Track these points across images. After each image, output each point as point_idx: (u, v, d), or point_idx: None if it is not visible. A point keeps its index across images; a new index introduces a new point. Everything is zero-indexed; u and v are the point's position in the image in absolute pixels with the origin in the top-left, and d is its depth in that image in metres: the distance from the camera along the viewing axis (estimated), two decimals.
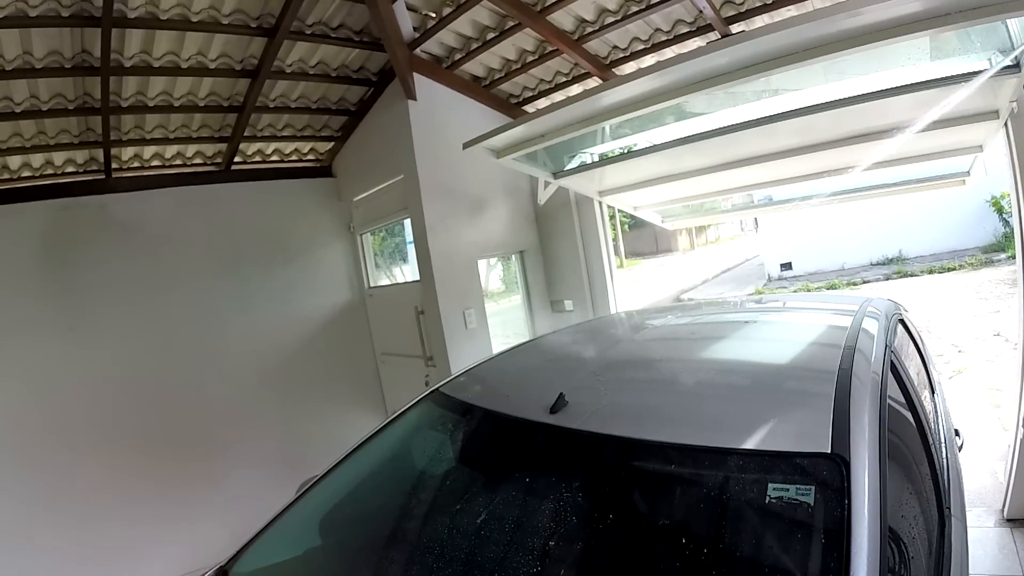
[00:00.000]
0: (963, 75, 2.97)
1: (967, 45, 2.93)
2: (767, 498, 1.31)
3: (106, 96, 3.98)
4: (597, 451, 1.65)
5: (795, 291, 15.34)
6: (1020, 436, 3.71)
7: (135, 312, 4.74)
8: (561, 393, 1.78)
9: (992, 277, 12.06)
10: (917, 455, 1.83)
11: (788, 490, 1.29)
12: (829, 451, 1.31)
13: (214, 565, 1.99)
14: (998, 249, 13.63)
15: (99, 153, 4.60)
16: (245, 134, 4.96)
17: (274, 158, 5.61)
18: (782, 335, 2.39)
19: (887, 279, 14.55)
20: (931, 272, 13.92)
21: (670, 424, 1.61)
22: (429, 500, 2.02)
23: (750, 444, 1.43)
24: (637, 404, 1.80)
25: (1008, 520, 3.91)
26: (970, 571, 1.90)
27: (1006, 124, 3.35)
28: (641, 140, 4.33)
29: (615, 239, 27.16)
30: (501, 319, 5.55)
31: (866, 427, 1.38)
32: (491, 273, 5.83)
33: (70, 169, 4.65)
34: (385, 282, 6.05)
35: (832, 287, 14.84)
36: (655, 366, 2.12)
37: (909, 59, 3.00)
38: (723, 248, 33.15)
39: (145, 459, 4.75)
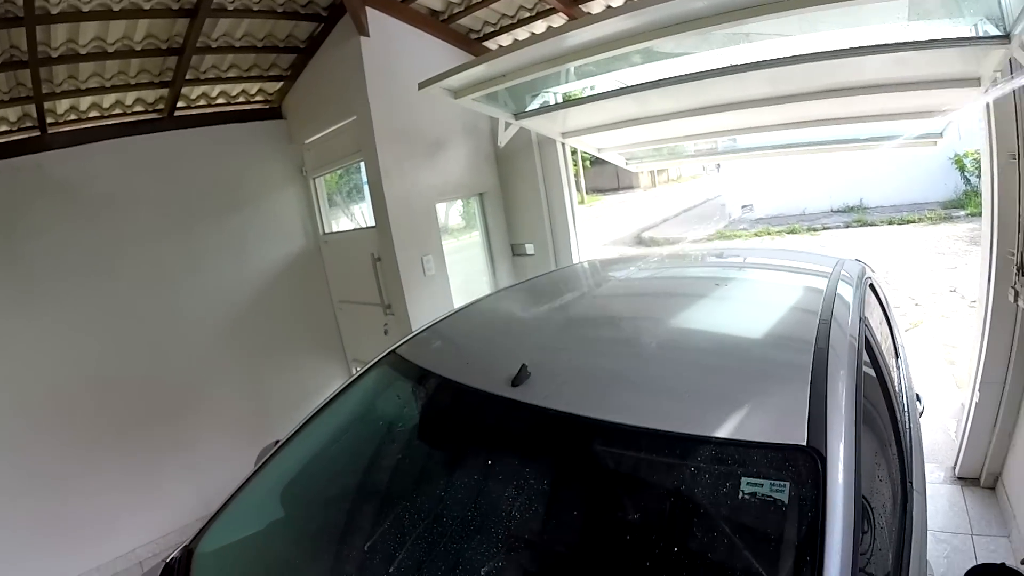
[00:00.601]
0: (946, 40, 2.86)
1: (951, 10, 2.83)
2: (740, 493, 1.24)
3: (33, 47, 3.65)
4: (560, 432, 1.56)
5: (756, 234, 15.59)
6: (975, 399, 3.75)
7: (84, 278, 4.48)
8: (523, 364, 1.67)
9: (950, 233, 12.27)
10: (887, 434, 1.79)
11: (762, 485, 1.22)
12: (805, 443, 1.23)
13: (180, 544, 1.93)
14: (958, 206, 13.82)
15: (32, 109, 4.26)
16: (187, 77, 4.63)
17: (220, 101, 5.27)
18: (755, 301, 2.30)
19: (847, 227, 14.74)
20: (891, 223, 14.10)
21: (638, 405, 1.50)
22: (388, 475, 1.95)
23: (722, 432, 1.34)
24: (603, 380, 1.69)
25: (959, 478, 4.02)
26: (927, 527, 1.90)
27: (987, 91, 3.26)
28: (608, 80, 4.14)
29: (576, 175, 27.19)
30: (461, 265, 5.41)
31: (843, 416, 1.30)
32: (451, 209, 5.65)
33: (2, 128, 4.31)
34: (341, 227, 5.84)
35: (792, 232, 15.02)
36: (622, 333, 2.02)
37: (888, 17, 2.88)
38: (685, 187, 33.17)
39: (107, 429, 4.61)
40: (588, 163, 24.95)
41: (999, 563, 2.77)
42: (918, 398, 2.78)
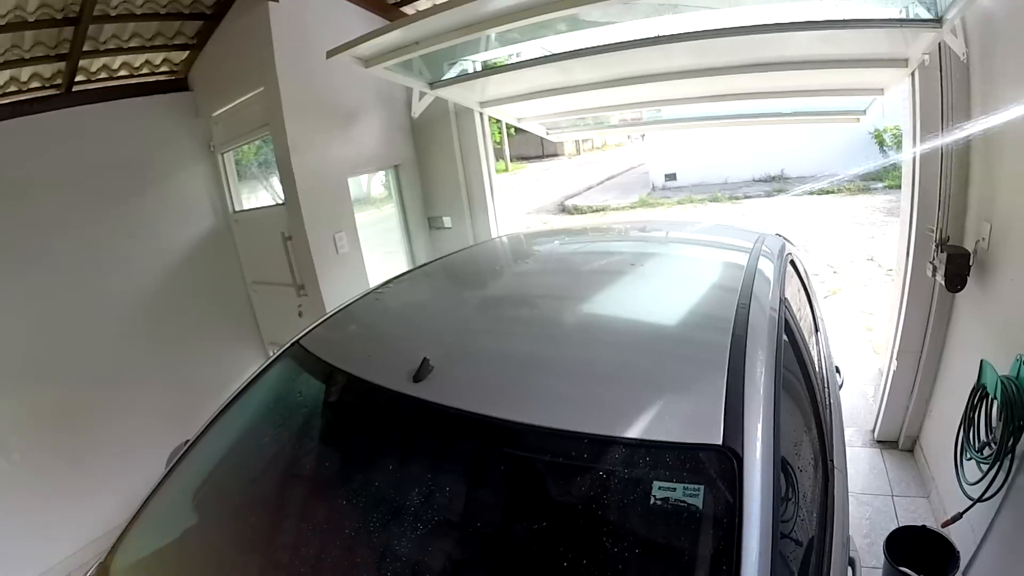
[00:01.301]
0: (876, 20, 2.87)
1: None
2: (651, 499, 1.17)
3: None
4: (461, 432, 1.47)
5: (679, 202, 15.99)
6: (893, 368, 3.88)
7: None
8: (425, 358, 1.56)
9: (868, 204, 12.77)
10: (807, 417, 1.76)
11: (675, 490, 1.15)
12: (720, 443, 1.17)
13: (94, 561, 1.80)
14: (876, 178, 14.41)
15: None
16: (86, 49, 4.23)
17: (123, 73, 4.86)
18: (674, 281, 2.25)
19: (768, 196, 15.25)
20: (811, 193, 14.64)
21: (543, 403, 1.41)
22: (292, 479, 1.82)
23: (633, 433, 1.26)
24: (508, 374, 1.60)
25: (878, 441, 4.18)
26: (848, 504, 1.91)
27: (913, 74, 3.35)
28: (530, 48, 4.04)
29: (500, 143, 27.30)
30: (376, 240, 5.26)
31: (761, 411, 1.25)
32: (371, 180, 5.49)
33: None
34: (252, 205, 5.55)
35: (715, 200, 15.46)
36: (533, 320, 1.93)
37: None
38: (609, 155, 33.76)
39: (15, 442, 4.24)
40: (513, 131, 25.01)
41: (920, 525, 2.89)
42: (837, 371, 2.83)
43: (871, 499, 3.66)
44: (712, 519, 1.12)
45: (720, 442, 1.17)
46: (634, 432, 1.26)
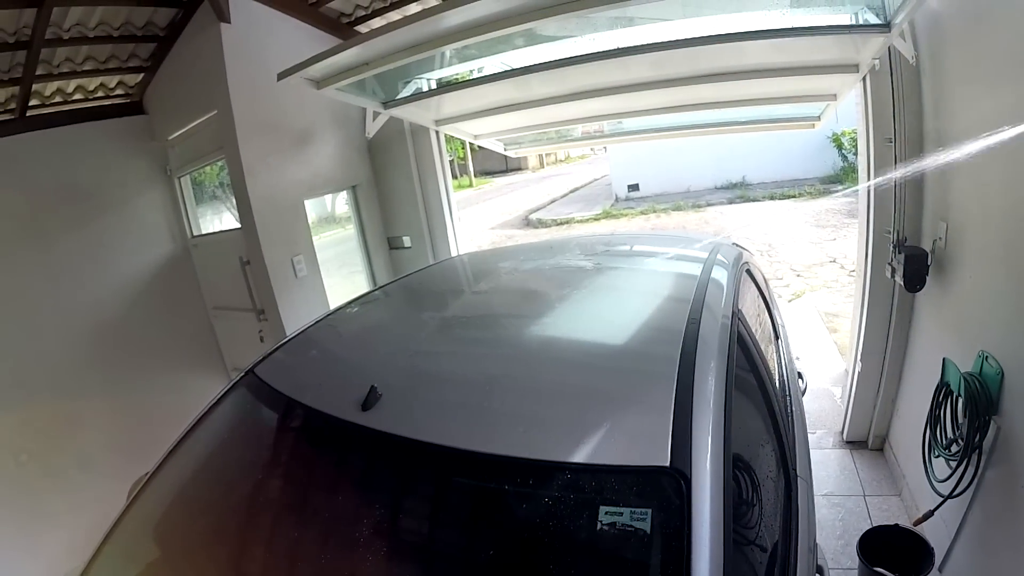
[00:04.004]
0: (826, 27, 2.95)
1: None
2: (598, 524, 1.13)
3: None
4: (407, 460, 1.44)
5: (642, 212, 16.17)
6: (858, 369, 3.92)
7: None
8: (373, 386, 1.53)
9: (829, 207, 12.98)
10: (765, 430, 1.74)
11: (622, 514, 1.11)
12: (668, 464, 1.14)
13: None
14: (836, 181, 14.76)
15: None
16: (39, 72, 4.17)
17: (77, 96, 4.81)
18: (625, 298, 2.24)
19: (731, 203, 15.46)
20: (772, 198, 14.91)
21: (488, 429, 1.39)
22: (248, 511, 1.75)
23: (579, 457, 1.23)
24: (455, 400, 1.57)
25: (847, 442, 4.20)
26: (814, 493, 1.90)
27: (864, 78, 3.40)
28: (485, 64, 4.06)
29: (463, 159, 27.35)
30: (336, 262, 5.24)
31: (710, 430, 1.23)
32: (334, 200, 5.47)
33: None
34: (208, 229, 5.48)
35: (678, 208, 15.67)
36: (482, 342, 1.91)
37: (770, 3, 2.93)
38: (573, 167, 34.18)
39: None
40: (476, 147, 25.19)
41: (893, 524, 2.90)
42: (800, 377, 2.83)
43: (843, 500, 3.66)
44: (661, 543, 1.10)
45: (667, 463, 1.14)
46: (580, 456, 1.23)
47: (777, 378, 2.21)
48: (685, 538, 1.05)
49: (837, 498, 3.68)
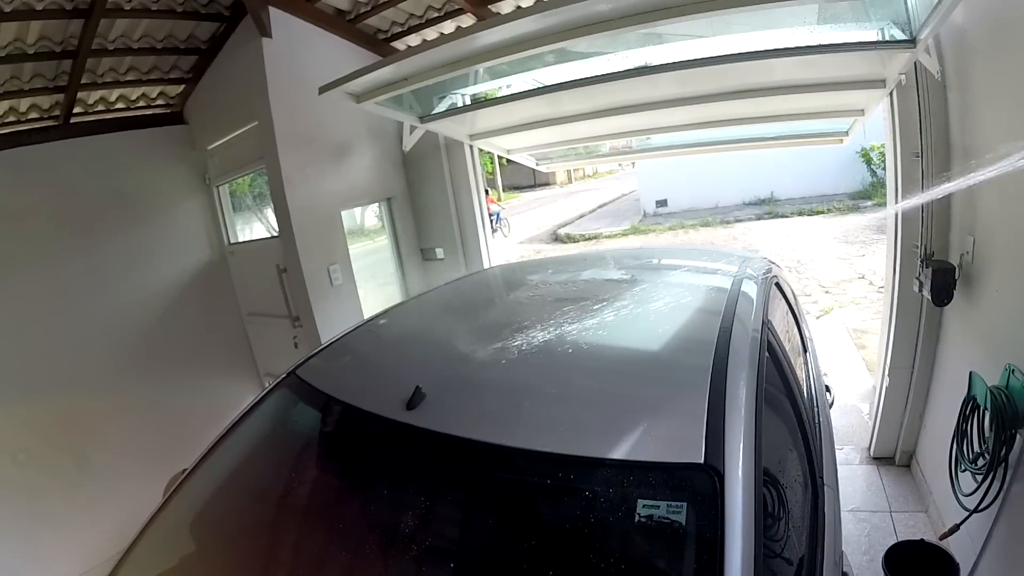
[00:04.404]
0: (853, 43, 2.96)
1: (859, 14, 2.93)
2: (636, 517, 1.20)
3: None
4: (454, 457, 1.50)
5: (670, 228, 16.07)
6: (886, 384, 3.91)
7: None
8: (418, 386, 1.60)
9: (858, 222, 12.83)
10: (794, 436, 1.79)
11: (658, 507, 1.18)
12: (702, 461, 1.21)
13: None
14: (865, 196, 14.55)
15: None
16: (84, 81, 4.34)
17: (120, 106, 4.97)
18: (659, 308, 2.27)
19: (759, 219, 15.33)
20: (801, 214, 14.74)
21: (532, 427, 1.46)
22: (291, 506, 1.82)
23: (619, 454, 1.30)
24: (498, 400, 1.64)
25: (874, 458, 4.18)
26: (840, 507, 1.93)
27: (891, 93, 3.42)
28: (517, 81, 4.14)
29: (491, 173, 27.45)
30: (370, 272, 5.32)
31: (742, 430, 1.29)
32: (363, 213, 5.56)
33: None
34: (246, 237, 5.63)
35: (706, 225, 15.54)
36: (522, 348, 1.96)
37: (798, 21, 2.97)
38: (600, 183, 34.03)
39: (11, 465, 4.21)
40: (505, 161, 25.19)
41: (918, 539, 2.88)
42: (828, 389, 2.85)
43: (869, 516, 3.65)
44: (696, 534, 1.16)
45: (702, 460, 1.21)
46: (619, 453, 1.30)
47: (805, 388, 2.25)
48: (719, 529, 1.11)
49: (863, 514, 3.66)
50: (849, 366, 5.86)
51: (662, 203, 18.68)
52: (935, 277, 3.04)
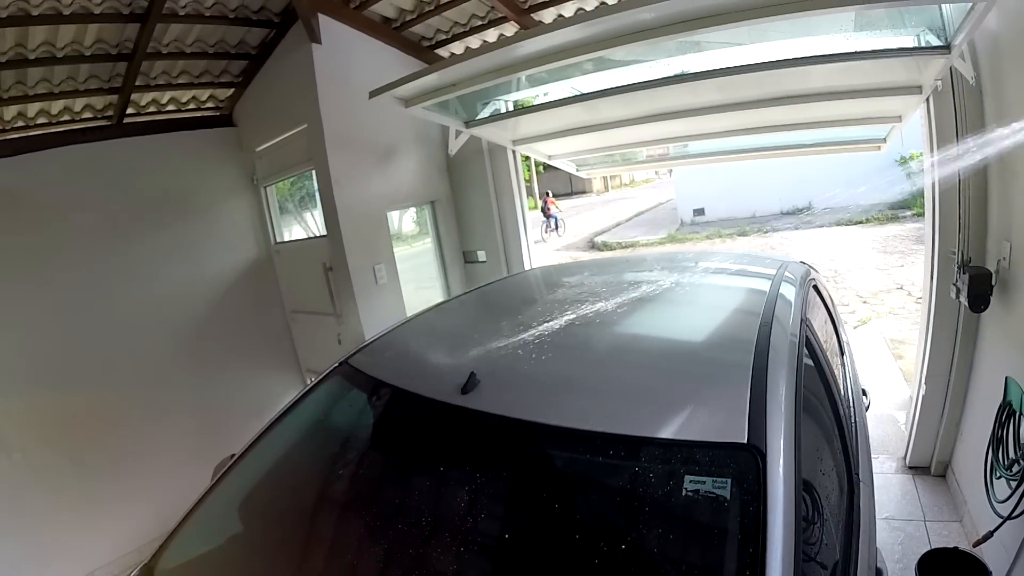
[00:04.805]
0: (890, 50, 2.99)
1: (895, 21, 2.95)
2: (683, 491, 1.28)
3: None
4: (508, 437, 1.58)
5: (707, 237, 15.94)
6: (922, 393, 3.89)
7: (29, 289, 4.29)
8: (472, 372, 1.70)
9: (897, 232, 12.67)
10: (831, 429, 1.84)
11: (704, 483, 1.27)
12: (745, 441, 1.29)
13: (139, 564, 1.89)
14: (904, 206, 14.29)
15: None
16: (137, 83, 4.52)
17: (170, 107, 5.16)
18: (701, 305, 2.36)
19: (796, 228, 15.20)
20: (839, 224, 14.57)
21: (583, 409, 1.54)
22: (344, 487, 1.92)
23: (666, 433, 1.39)
24: (550, 385, 1.72)
25: (910, 467, 4.16)
26: (875, 506, 1.97)
27: (928, 99, 3.42)
28: (559, 88, 4.19)
29: (530, 180, 27.42)
30: (414, 273, 5.41)
31: (783, 414, 1.37)
32: (404, 215, 5.66)
33: None
34: (292, 236, 5.78)
35: (743, 234, 15.43)
36: (570, 339, 2.04)
37: (835, 28, 2.98)
38: (637, 191, 33.82)
39: (52, 447, 4.39)
40: (542, 168, 25.15)
41: (952, 547, 2.88)
42: (864, 393, 2.87)
43: (903, 524, 3.63)
44: (739, 508, 1.23)
45: (745, 440, 1.29)
46: (667, 433, 1.39)
47: (842, 388, 2.29)
48: (761, 503, 1.19)
49: (897, 522, 3.65)
50: (886, 376, 5.82)
51: (699, 212, 18.58)
52: (972, 283, 3.04)
